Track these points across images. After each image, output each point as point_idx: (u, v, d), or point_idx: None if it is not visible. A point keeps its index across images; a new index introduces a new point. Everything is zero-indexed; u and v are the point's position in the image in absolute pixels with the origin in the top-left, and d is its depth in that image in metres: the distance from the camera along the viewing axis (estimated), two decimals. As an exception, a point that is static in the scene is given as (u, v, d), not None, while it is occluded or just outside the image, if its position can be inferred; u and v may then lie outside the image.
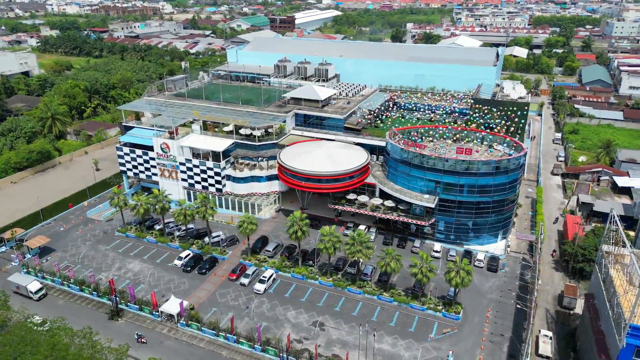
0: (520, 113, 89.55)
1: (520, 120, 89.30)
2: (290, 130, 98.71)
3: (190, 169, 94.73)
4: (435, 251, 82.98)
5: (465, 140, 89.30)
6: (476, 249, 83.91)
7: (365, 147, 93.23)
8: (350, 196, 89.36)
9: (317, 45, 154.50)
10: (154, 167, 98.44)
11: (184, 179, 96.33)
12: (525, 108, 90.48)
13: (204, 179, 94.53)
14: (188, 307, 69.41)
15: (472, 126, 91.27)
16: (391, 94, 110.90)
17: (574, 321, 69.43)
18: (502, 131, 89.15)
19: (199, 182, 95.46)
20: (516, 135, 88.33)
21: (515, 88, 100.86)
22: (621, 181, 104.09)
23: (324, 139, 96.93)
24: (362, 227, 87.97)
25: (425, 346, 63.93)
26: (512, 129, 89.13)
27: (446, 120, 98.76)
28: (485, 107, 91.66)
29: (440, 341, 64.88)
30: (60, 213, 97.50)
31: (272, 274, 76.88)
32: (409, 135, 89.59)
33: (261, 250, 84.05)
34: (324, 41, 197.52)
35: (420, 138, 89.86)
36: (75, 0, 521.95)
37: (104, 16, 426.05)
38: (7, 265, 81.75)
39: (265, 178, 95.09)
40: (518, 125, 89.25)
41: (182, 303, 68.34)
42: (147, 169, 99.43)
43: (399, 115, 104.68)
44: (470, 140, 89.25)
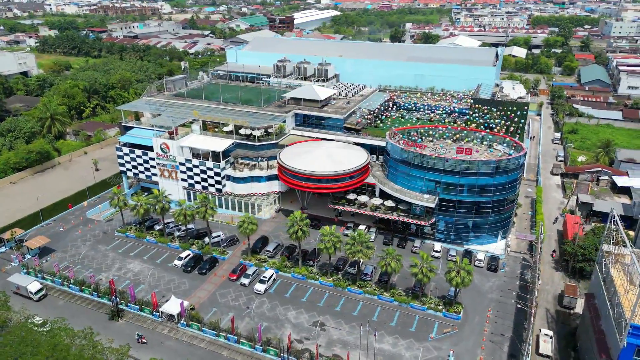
0: (520, 113, 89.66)
1: (520, 120, 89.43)
2: (290, 130, 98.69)
3: (190, 169, 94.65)
4: (436, 251, 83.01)
5: (465, 140, 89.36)
6: (476, 249, 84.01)
7: (365, 147, 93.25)
8: (350, 196, 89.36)
9: (317, 45, 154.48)
10: (153, 168, 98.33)
11: (183, 179, 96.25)
12: (525, 108, 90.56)
13: (204, 179, 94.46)
14: (188, 308, 69.37)
15: (472, 126, 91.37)
16: (391, 94, 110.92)
17: (574, 321, 69.52)
18: (502, 131, 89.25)
19: (198, 182, 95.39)
20: (516, 135, 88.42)
21: (514, 88, 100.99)
22: (620, 181, 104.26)
23: (323, 139, 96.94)
24: (362, 227, 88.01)
25: (426, 346, 63.96)
26: (512, 128, 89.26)
27: (446, 120, 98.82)
28: (485, 107, 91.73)
29: (441, 341, 64.92)
30: (59, 213, 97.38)
31: (273, 274, 76.84)
32: (408, 135, 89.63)
33: (261, 250, 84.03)
34: (324, 41, 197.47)
35: (420, 138, 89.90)
36: (74, 0, 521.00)
37: (102, 16, 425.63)
38: (7, 266, 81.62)
39: (265, 178, 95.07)
40: (518, 125, 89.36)
41: (183, 303, 68.33)
42: (147, 169, 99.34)
43: (399, 115, 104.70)
44: (470, 140, 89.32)
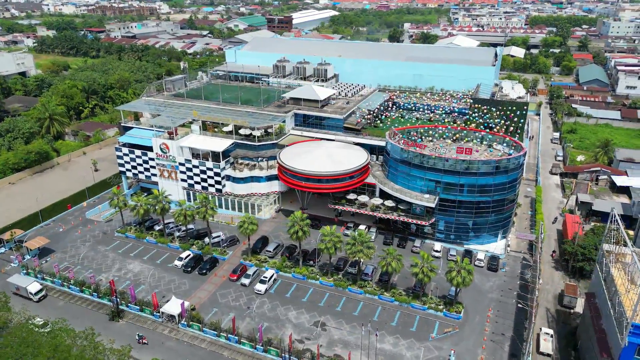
0: (520, 113, 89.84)
1: (520, 119, 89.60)
2: (290, 130, 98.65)
3: (189, 169, 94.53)
4: (436, 251, 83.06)
5: (464, 140, 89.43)
6: (476, 249, 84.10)
7: (365, 147, 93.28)
8: (351, 196, 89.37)
9: (316, 45, 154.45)
10: (153, 168, 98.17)
11: (183, 180, 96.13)
12: (525, 108, 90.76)
13: (204, 180, 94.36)
14: (189, 308, 69.26)
15: (472, 126, 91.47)
16: (390, 94, 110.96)
17: (574, 320, 69.65)
18: (502, 131, 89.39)
19: (198, 183, 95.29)
20: (515, 135, 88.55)
21: (514, 88, 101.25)
22: (619, 180, 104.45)
23: (323, 139, 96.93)
24: (362, 227, 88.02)
25: (427, 346, 64.00)
26: (512, 128, 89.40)
27: (445, 120, 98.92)
28: (485, 107, 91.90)
29: (442, 341, 64.97)
30: (59, 214, 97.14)
31: (273, 274, 76.81)
32: (408, 135, 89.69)
33: (261, 250, 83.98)
34: (323, 41, 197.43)
35: (420, 138, 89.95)
36: (72, 0, 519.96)
37: (100, 16, 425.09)
38: (7, 267, 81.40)
39: (265, 178, 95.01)
40: (517, 124, 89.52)
41: (183, 304, 68.25)
42: (147, 170, 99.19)
43: (398, 115, 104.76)
44: (470, 140, 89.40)
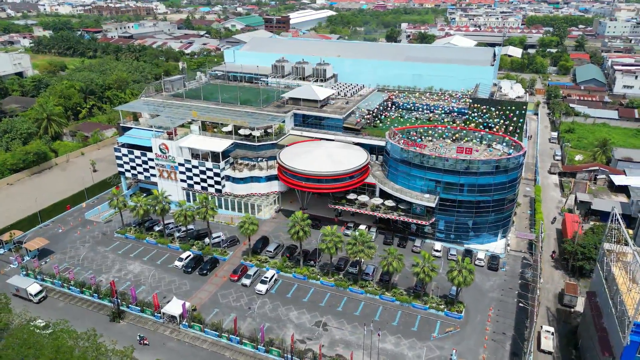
0: (519, 112, 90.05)
1: (519, 119, 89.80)
2: (290, 131, 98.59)
3: (189, 169, 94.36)
4: (436, 250, 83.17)
5: (464, 139, 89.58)
6: (476, 248, 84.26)
7: (365, 147, 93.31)
8: (351, 196, 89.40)
9: (315, 45, 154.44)
10: (152, 168, 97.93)
11: (183, 180, 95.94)
12: (524, 107, 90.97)
13: (203, 180, 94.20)
14: (190, 309, 69.14)
15: (471, 125, 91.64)
16: (389, 94, 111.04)
17: (575, 319, 69.89)
18: (501, 130, 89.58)
19: (198, 183, 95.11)
20: (515, 135, 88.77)
21: (513, 87, 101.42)
22: (618, 180, 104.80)
23: (323, 139, 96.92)
24: (363, 227, 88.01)
25: (429, 345, 64.09)
26: (511, 128, 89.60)
27: (445, 120, 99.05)
28: (484, 107, 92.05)
29: (443, 340, 65.06)
30: (58, 215, 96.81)
31: (274, 275, 76.77)
32: (408, 134, 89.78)
33: (262, 250, 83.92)
34: (321, 41, 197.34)
35: (419, 138, 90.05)
36: (68, 0, 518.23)
37: (97, 16, 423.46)
38: (6, 268, 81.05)
39: (264, 178, 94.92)
40: (517, 124, 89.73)
41: (184, 304, 68.12)
42: (146, 170, 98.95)
43: (398, 115, 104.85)
44: (470, 139, 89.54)
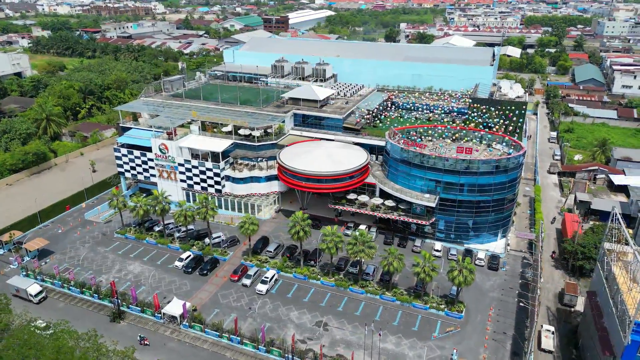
0: (518, 112, 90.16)
1: (519, 119, 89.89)
2: (289, 131, 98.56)
3: (189, 169, 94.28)
4: (436, 250, 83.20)
5: (464, 139, 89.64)
6: (476, 248, 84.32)
7: (365, 147, 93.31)
8: (351, 196, 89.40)
9: (314, 45, 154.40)
10: (152, 168, 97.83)
11: (182, 180, 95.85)
12: (523, 107, 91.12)
13: (203, 180, 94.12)
14: (190, 309, 69.09)
15: (471, 125, 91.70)
16: (389, 94, 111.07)
17: (575, 318, 69.99)
18: (501, 130, 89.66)
19: (198, 183, 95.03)
20: (514, 135, 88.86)
21: (512, 87, 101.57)
22: (617, 179, 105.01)
23: (323, 138, 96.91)
24: (363, 227, 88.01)
25: (429, 345, 64.11)
26: (510, 128, 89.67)
27: (445, 120, 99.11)
28: (484, 107, 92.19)
29: (444, 340, 65.10)
30: (57, 215, 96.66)
31: (274, 275, 76.74)
32: (408, 134, 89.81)
33: (262, 250, 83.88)
34: (321, 41, 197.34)
35: (419, 137, 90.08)
36: (66, 0, 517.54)
37: (95, 16, 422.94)
38: (6, 268, 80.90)
39: (264, 178, 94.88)
40: (516, 124, 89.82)
41: (185, 304, 68.06)
42: (146, 170, 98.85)
43: (397, 115, 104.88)
44: (469, 139, 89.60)
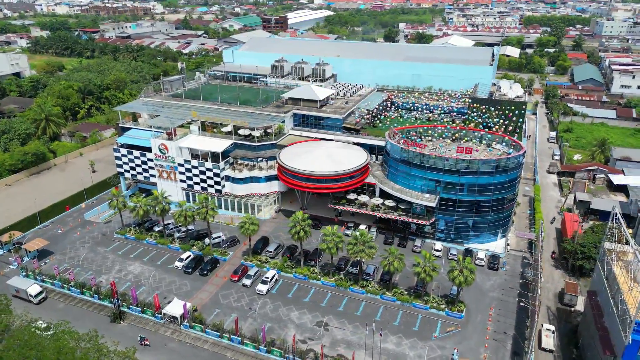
0: (518, 112, 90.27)
1: (518, 119, 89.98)
2: (289, 131, 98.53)
3: (189, 170, 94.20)
4: (437, 250, 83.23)
5: (464, 139, 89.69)
6: (476, 248, 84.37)
7: (365, 147, 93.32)
8: (351, 196, 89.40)
9: (314, 45, 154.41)
10: (152, 169, 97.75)
11: (182, 180, 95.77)
12: (523, 107, 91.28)
13: (203, 180, 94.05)
14: (191, 309, 69.04)
15: (471, 125, 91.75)
16: (389, 94, 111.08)
17: (575, 318, 70.07)
18: (500, 130, 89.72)
19: (197, 183, 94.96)
20: (514, 134, 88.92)
21: (512, 87, 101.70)
22: (616, 179, 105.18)
23: (322, 139, 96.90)
24: (363, 227, 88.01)
25: (430, 345, 64.13)
26: (510, 128, 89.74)
27: (444, 120, 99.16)
28: (483, 107, 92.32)
29: (445, 340, 65.14)
30: (57, 215, 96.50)
31: (274, 275, 76.71)
32: (408, 134, 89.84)
33: (262, 251, 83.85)
34: (321, 41, 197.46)
35: (419, 137, 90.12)
36: (65, 0, 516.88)
37: (94, 16, 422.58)
38: (6, 269, 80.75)
39: (264, 179, 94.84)
40: (516, 124, 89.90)
41: (185, 305, 68.00)
42: (145, 170, 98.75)
43: (397, 114, 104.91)
44: (469, 139, 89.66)
